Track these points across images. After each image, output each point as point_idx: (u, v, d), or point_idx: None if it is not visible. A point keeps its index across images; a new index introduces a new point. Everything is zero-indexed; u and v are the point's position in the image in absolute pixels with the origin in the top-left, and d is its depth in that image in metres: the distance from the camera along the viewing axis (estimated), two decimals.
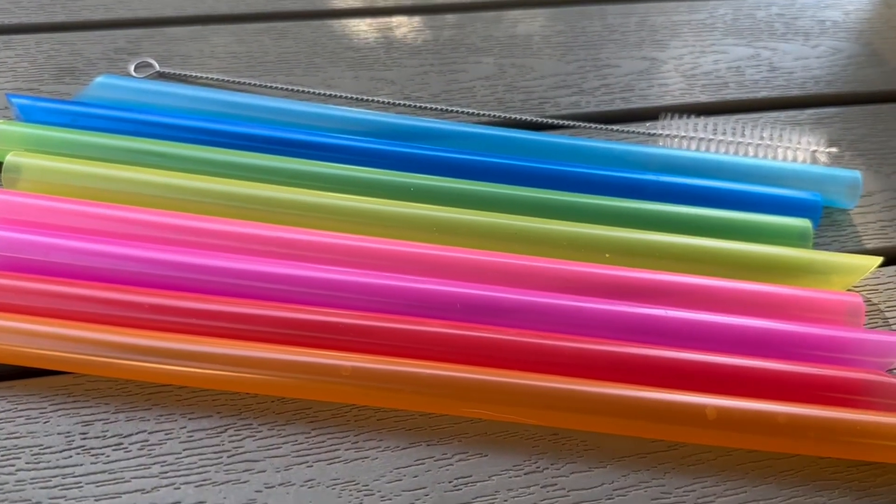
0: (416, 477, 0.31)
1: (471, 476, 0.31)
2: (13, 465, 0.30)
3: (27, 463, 0.30)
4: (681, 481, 0.31)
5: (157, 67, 0.47)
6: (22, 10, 0.51)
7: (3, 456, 0.31)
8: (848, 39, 0.54)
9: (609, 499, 0.31)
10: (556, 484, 0.31)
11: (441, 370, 0.32)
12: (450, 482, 0.31)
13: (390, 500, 0.30)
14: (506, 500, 0.31)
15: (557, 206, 0.39)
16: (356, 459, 0.31)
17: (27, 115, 0.42)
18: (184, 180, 0.38)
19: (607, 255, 0.37)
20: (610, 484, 0.31)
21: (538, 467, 0.31)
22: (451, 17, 0.54)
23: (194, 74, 0.47)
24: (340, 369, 0.32)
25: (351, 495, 0.30)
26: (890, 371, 0.35)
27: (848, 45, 0.54)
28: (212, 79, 0.47)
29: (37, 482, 0.30)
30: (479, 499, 0.31)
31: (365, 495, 0.30)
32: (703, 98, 0.49)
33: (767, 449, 0.32)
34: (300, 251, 0.36)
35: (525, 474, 0.31)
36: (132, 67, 0.47)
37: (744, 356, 0.33)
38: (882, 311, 0.38)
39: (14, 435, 0.31)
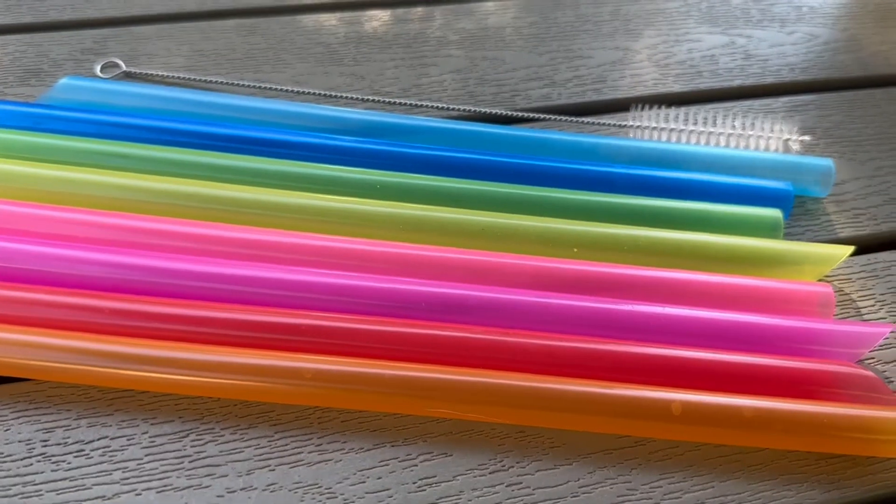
0: (379, 479, 0.31)
1: (435, 476, 0.31)
2: None
3: None
4: (647, 477, 0.31)
5: (124, 67, 0.46)
6: None
7: None
8: (825, 25, 0.54)
9: (574, 496, 0.31)
10: (521, 483, 0.31)
11: (405, 370, 0.32)
12: (414, 483, 0.31)
13: (354, 503, 0.30)
14: (470, 500, 0.30)
15: (525, 200, 0.38)
16: (319, 462, 0.31)
17: None
18: (148, 182, 0.38)
19: (575, 250, 0.37)
20: (576, 481, 0.31)
21: (503, 466, 0.31)
22: (421, 10, 0.53)
23: (161, 73, 0.46)
24: (303, 371, 0.32)
25: (314, 499, 0.30)
26: (860, 362, 0.34)
27: (825, 30, 0.53)
28: (178, 77, 0.46)
29: None
30: (443, 499, 0.30)
31: (328, 498, 0.30)
32: (677, 88, 0.48)
33: (735, 443, 0.32)
34: (263, 251, 0.36)
35: (490, 473, 0.31)
36: (98, 68, 0.46)
37: (714, 350, 0.33)
38: (854, 301, 0.38)
39: None
